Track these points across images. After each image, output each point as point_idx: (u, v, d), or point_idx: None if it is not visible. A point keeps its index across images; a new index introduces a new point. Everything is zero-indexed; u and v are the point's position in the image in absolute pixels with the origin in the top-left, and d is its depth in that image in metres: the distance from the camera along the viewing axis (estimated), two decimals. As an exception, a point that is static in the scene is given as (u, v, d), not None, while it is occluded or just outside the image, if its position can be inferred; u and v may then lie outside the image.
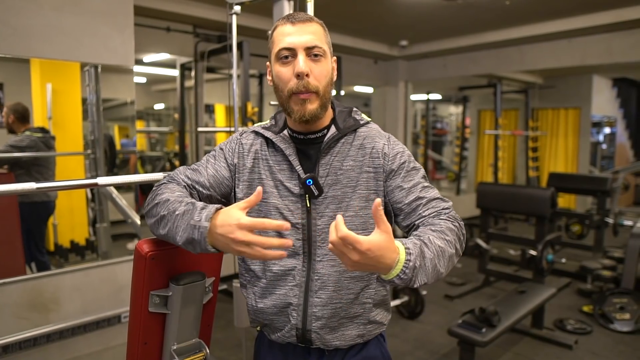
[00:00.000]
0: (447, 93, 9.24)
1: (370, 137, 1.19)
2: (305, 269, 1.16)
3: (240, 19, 2.16)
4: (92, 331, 2.39)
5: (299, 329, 1.17)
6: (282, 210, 1.15)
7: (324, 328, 1.16)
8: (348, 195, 1.15)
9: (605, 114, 8.87)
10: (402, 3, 4.42)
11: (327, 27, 1.18)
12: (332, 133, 1.17)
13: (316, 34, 1.10)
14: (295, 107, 1.11)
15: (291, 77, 1.09)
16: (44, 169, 2.89)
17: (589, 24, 4.88)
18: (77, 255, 3.14)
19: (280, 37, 1.10)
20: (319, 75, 1.10)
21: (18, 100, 2.76)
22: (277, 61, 1.11)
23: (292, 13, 1.15)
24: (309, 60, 1.09)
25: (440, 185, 9.95)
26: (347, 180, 1.15)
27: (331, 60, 1.16)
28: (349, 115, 1.22)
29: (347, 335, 1.18)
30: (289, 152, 1.16)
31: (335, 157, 1.16)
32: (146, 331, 1.20)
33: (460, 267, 5.38)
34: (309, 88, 1.09)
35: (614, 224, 5.62)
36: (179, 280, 1.18)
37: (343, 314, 1.16)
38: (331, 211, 1.14)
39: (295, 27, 1.09)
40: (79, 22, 2.31)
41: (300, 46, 1.08)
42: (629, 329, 3.59)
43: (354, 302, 1.17)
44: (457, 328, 2.80)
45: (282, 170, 1.17)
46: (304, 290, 1.16)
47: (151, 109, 9.57)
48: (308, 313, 1.15)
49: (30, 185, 1.27)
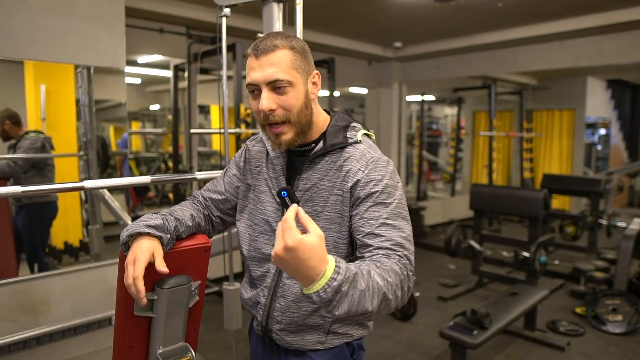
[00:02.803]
0: (442, 94, 9.26)
1: (351, 160, 1.14)
2: (276, 275, 1.22)
3: (233, 20, 2.16)
4: (83, 333, 2.39)
5: (263, 326, 1.26)
6: (265, 215, 1.22)
7: (283, 331, 1.23)
8: (317, 214, 1.15)
9: (600, 115, 8.91)
10: (395, 5, 4.43)
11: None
12: (318, 149, 1.17)
13: (280, 65, 1.07)
14: (271, 137, 1.15)
15: (259, 110, 1.11)
16: (53, 168, 2.94)
17: (580, 26, 4.91)
18: (70, 257, 3.13)
19: (248, 70, 1.11)
20: (286, 105, 1.09)
21: (12, 102, 2.76)
22: (250, 94, 1.14)
23: (259, 39, 1.13)
24: (273, 94, 1.09)
25: (435, 186, 9.97)
26: (319, 199, 1.16)
27: (307, 81, 1.13)
28: (342, 131, 1.19)
29: (306, 340, 1.22)
30: (276, 162, 1.22)
31: (317, 173, 1.17)
32: (132, 335, 1.20)
33: (453, 268, 5.39)
34: (276, 121, 1.10)
35: (607, 225, 5.64)
36: (164, 284, 1.18)
37: (301, 322, 1.21)
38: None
39: (258, 60, 1.09)
40: (68, 24, 2.31)
41: (262, 82, 1.08)
42: (621, 331, 3.61)
43: (312, 314, 1.19)
44: (448, 330, 2.80)
45: (272, 178, 1.23)
46: (271, 293, 1.23)
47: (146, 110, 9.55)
48: (270, 315, 1.23)
49: (15, 189, 1.27)
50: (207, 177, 1.88)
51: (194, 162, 4.97)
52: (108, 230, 3.10)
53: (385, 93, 7.20)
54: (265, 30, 2.08)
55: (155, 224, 1.08)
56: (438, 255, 5.85)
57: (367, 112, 7.78)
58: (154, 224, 1.08)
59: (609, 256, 5.05)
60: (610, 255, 5.07)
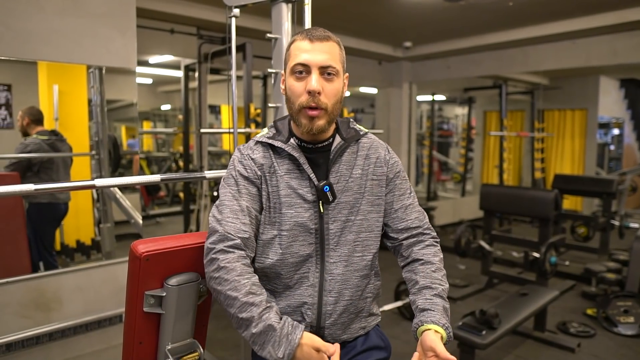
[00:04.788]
0: (453, 94, 9.22)
1: (374, 148, 1.30)
2: (318, 271, 1.23)
3: (242, 20, 2.17)
4: (94, 330, 2.42)
5: (313, 327, 1.23)
6: (298, 218, 1.19)
7: (336, 324, 1.24)
8: (358, 200, 1.24)
9: (613, 115, 8.81)
10: (405, 5, 4.43)
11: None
12: (338, 142, 1.25)
13: (332, 54, 1.16)
14: (304, 120, 1.17)
15: (303, 92, 1.15)
16: (51, 171, 2.93)
17: (592, 25, 4.85)
18: (82, 255, 3.17)
19: (296, 51, 1.16)
20: (330, 93, 1.16)
21: (26, 101, 2.80)
22: (292, 75, 1.17)
23: (310, 28, 1.20)
24: (321, 79, 1.15)
25: (445, 186, 9.93)
26: (357, 187, 1.25)
27: (343, 78, 1.23)
28: (348, 126, 1.30)
29: (352, 328, 1.28)
30: (302, 161, 1.21)
31: (343, 165, 1.25)
32: (141, 331, 1.22)
33: (463, 269, 5.37)
34: (319, 105, 1.15)
35: (619, 226, 5.58)
36: (173, 281, 1.20)
37: (352, 309, 1.25)
38: (344, 216, 1.22)
39: (312, 44, 1.15)
40: (80, 25, 2.34)
41: (315, 64, 1.14)
42: (632, 333, 3.56)
43: (360, 297, 1.27)
44: (456, 330, 2.79)
45: (293, 178, 1.21)
46: (317, 290, 1.22)
47: (157, 109, 9.65)
48: (322, 311, 1.22)
49: (28, 187, 1.29)
50: (217, 176, 1.89)
51: (204, 161, 5.00)
52: (119, 229, 3.13)
53: (396, 93, 7.18)
54: (274, 31, 2.09)
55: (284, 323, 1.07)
56: (448, 255, 5.78)
57: (377, 112, 7.76)
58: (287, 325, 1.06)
59: (620, 257, 4.98)
60: (622, 256, 5.01)
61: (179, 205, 7.44)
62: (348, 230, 1.23)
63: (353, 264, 1.23)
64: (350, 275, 1.23)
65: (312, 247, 1.21)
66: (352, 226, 1.23)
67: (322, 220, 1.21)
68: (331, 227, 1.21)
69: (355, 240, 1.23)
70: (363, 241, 1.25)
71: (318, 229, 1.21)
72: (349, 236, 1.23)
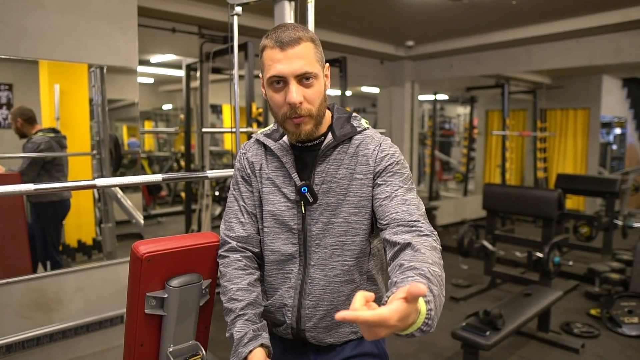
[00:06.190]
0: (455, 93, 9.19)
1: (364, 144, 1.18)
2: (301, 272, 1.19)
3: (244, 19, 2.16)
4: (95, 331, 2.41)
5: (293, 328, 1.20)
6: (279, 216, 1.19)
7: (317, 328, 1.19)
8: (340, 202, 1.16)
9: (615, 114, 8.77)
10: (408, 3, 4.40)
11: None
12: (329, 141, 1.18)
13: (306, 57, 1.07)
14: (291, 128, 1.13)
15: (284, 103, 1.09)
16: (62, 168, 2.94)
17: (596, 23, 4.83)
18: (84, 255, 3.16)
19: (269, 62, 1.08)
20: (312, 98, 1.10)
21: (27, 100, 2.78)
22: (270, 86, 1.11)
23: (278, 29, 1.09)
24: (300, 87, 1.08)
25: (447, 186, 9.91)
26: (340, 188, 1.16)
27: (323, 75, 1.14)
28: (347, 122, 1.21)
29: (340, 332, 1.22)
30: (286, 160, 1.19)
31: (331, 165, 1.17)
32: (142, 333, 1.20)
33: (466, 269, 5.35)
34: (302, 114, 1.09)
35: (623, 225, 5.55)
36: (175, 282, 1.18)
37: (335, 314, 1.16)
38: (325, 218, 1.17)
39: (284, 52, 1.06)
40: (82, 24, 2.32)
41: (291, 74, 1.06)
42: (637, 333, 3.54)
43: (345, 302, 1.18)
44: (460, 331, 2.78)
45: (279, 176, 1.20)
46: (298, 292, 1.19)
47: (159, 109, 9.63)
48: (301, 314, 1.19)
49: (28, 187, 1.27)
50: (219, 176, 1.87)
51: (205, 161, 4.99)
52: (121, 229, 3.12)
53: (398, 92, 7.16)
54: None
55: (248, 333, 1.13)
56: (450, 255, 5.80)
57: (379, 111, 7.75)
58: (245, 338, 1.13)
59: (624, 257, 4.95)
60: (625, 256, 4.98)
61: (181, 205, 7.44)
62: (328, 233, 1.17)
63: (332, 268, 1.16)
64: (330, 280, 1.17)
65: (295, 247, 1.19)
66: (332, 229, 1.16)
67: (304, 221, 1.18)
68: (313, 229, 1.17)
69: (334, 243, 1.16)
70: (342, 245, 1.16)
71: (301, 229, 1.18)
72: (327, 239, 1.16)
